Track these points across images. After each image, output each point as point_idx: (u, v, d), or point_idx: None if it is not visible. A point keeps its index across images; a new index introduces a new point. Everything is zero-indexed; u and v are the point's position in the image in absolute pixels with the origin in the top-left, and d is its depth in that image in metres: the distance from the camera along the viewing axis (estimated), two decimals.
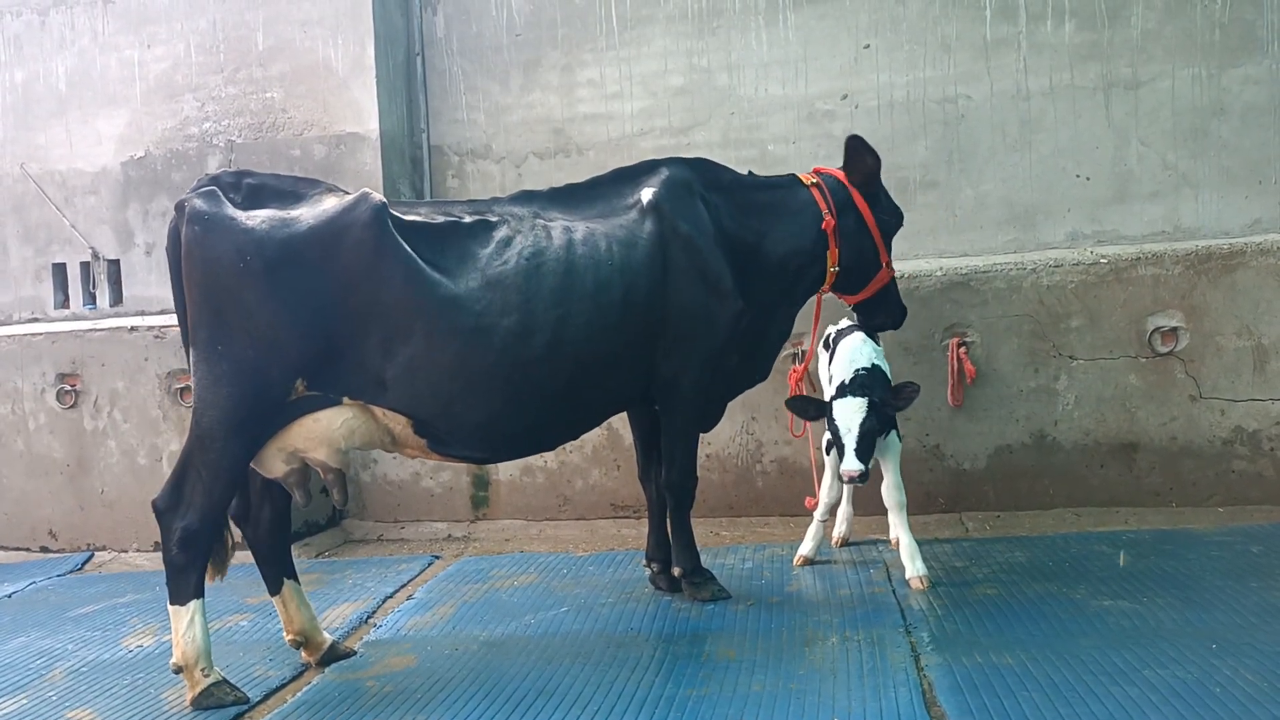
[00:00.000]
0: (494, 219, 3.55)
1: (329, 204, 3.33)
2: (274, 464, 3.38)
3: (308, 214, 3.29)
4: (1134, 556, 4.10)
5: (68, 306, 6.13)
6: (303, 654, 3.52)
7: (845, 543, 4.58)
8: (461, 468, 5.50)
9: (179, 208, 3.26)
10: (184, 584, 3.21)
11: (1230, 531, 4.40)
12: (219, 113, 5.89)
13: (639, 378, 3.73)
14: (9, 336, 5.72)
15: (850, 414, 3.76)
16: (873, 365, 3.99)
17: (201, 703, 3.17)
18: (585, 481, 5.43)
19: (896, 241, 4.26)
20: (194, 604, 3.21)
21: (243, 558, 5.11)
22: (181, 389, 5.28)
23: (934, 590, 3.86)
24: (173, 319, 5.51)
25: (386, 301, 3.26)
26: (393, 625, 3.92)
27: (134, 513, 5.32)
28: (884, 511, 4.16)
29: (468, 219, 3.51)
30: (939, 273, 5.05)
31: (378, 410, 3.37)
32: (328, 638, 3.57)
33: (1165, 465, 4.89)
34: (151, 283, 5.99)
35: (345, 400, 3.33)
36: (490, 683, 3.25)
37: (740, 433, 5.23)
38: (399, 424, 3.40)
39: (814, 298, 4.19)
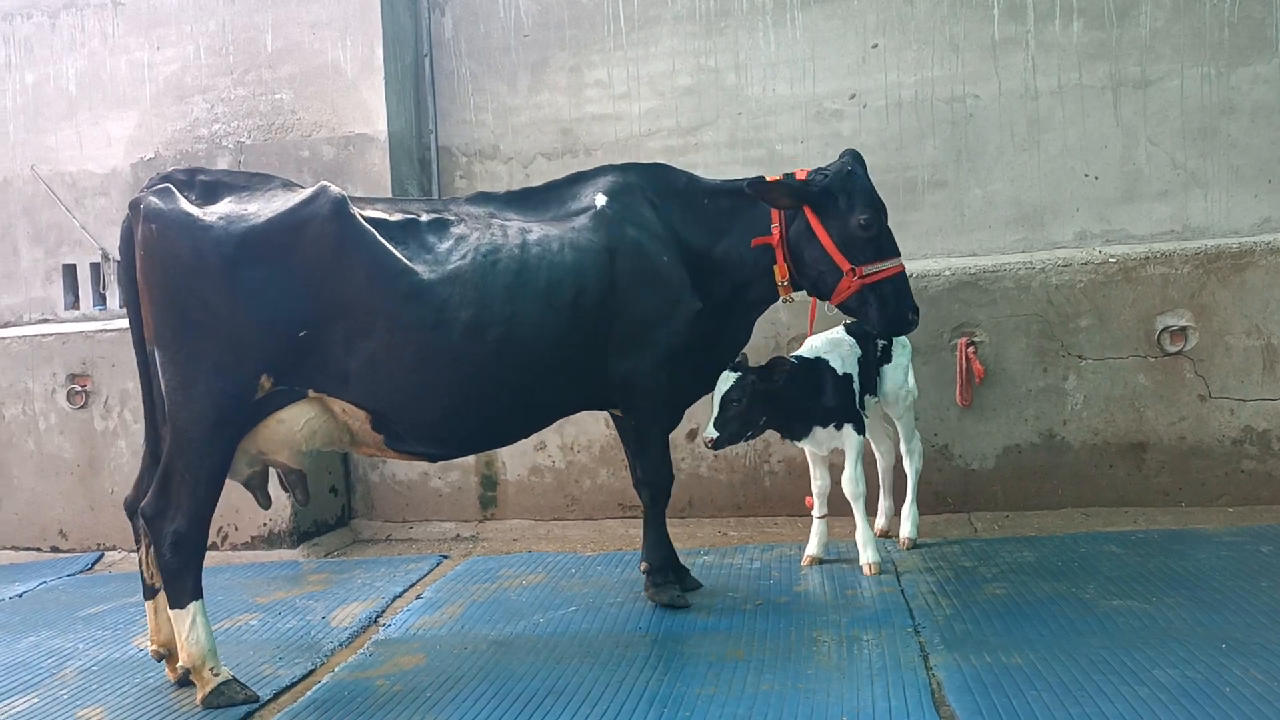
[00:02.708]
0: (451, 217, 3.59)
1: (287, 198, 3.34)
2: (237, 466, 3.39)
3: (266, 208, 3.29)
4: (1143, 556, 4.09)
5: (78, 307, 6.16)
6: (168, 670, 3.47)
7: (885, 534, 4.62)
8: (471, 467, 5.52)
9: (134, 206, 3.26)
10: (181, 587, 3.22)
11: (1240, 531, 4.38)
12: (228, 114, 5.91)
13: (590, 379, 3.74)
14: (20, 337, 5.75)
15: (719, 385, 3.94)
16: (816, 357, 4.18)
17: (212, 702, 3.18)
18: (593, 482, 5.43)
19: (904, 241, 4.18)
20: (194, 605, 3.22)
21: (252, 557, 5.15)
22: None
23: (943, 590, 3.86)
24: None
25: (348, 295, 3.28)
26: (402, 624, 3.93)
27: None
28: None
29: (425, 217, 3.54)
30: (947, 272, 5.04)
31: (337, 408, 3.39)
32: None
33: (1174, 465, 4.88)
34: None
35: (310, 394, 3.34)
36: (499, 682, 3.25)
37: None
38: (358, 420, 3.42)
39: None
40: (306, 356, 3.29)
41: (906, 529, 4.51)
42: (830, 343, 4.29)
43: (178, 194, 3.25)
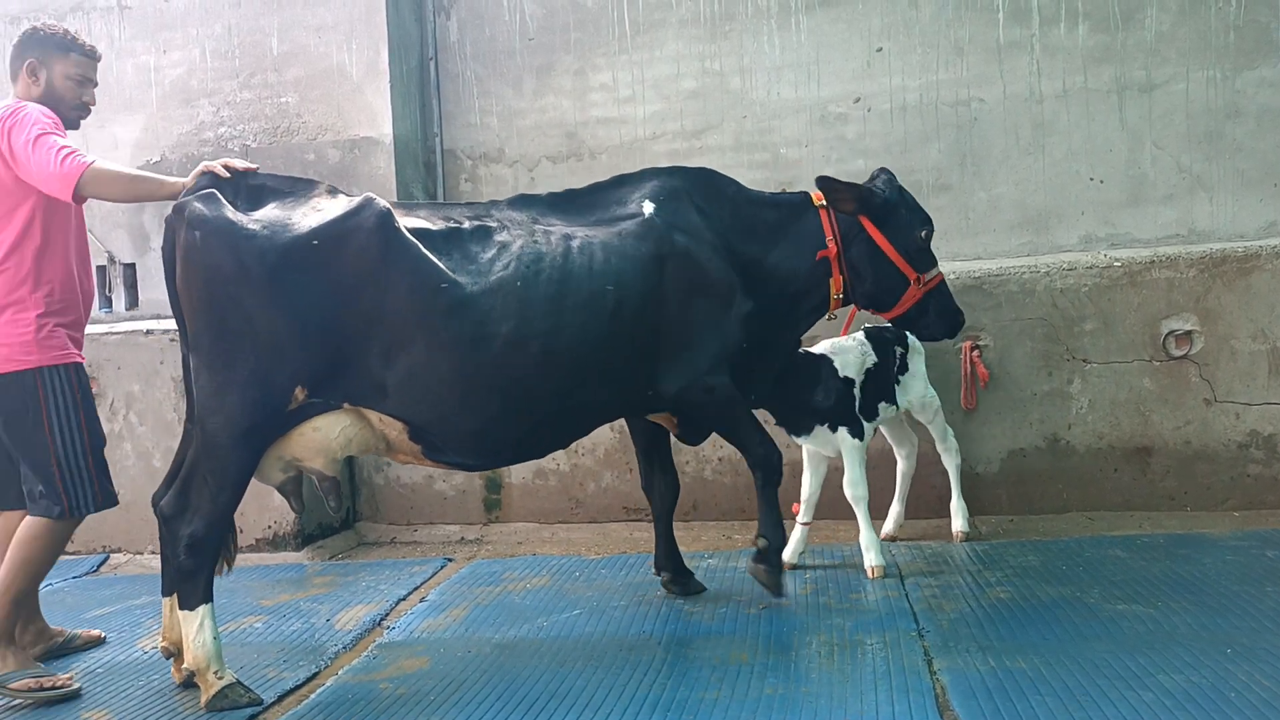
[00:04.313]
0: (493, 224, 3.54)
1: (331, 207, 3.30)
2: (271, 473, 3.39)
3: (310, 218, 3.26)
4: (1148, 560, 4.09)
5: None
6: (174, 668, 3.47)
7: (893, 539, 4.63)
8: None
9: (178, 211, 3.23)
10: (192, 589, 3.21)
11: (1245, 536, 4.37)
12: (234, 117, 5.93)
13: (635, 388, 3.68)
14: None
15: None
16: (819, 354, 4.26)
17: (216, 705, 3.18)
18: (598, 484, 5.44)
19: None
20: (203, 609, 3.21)
21: (256, 559, 5.16)
22: None
23: (947, 594, 3.86)
24: None
25: (389, 307, 3.24)
26: (406, 627, 3.93)
27: (150, 515, 5.23)
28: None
29: (467, 224, 3.50)
30: (952, 276, 5.03)
31: (374, 417, 3.37)
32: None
33: (1180, 469, 4.87)
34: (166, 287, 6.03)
35: (345, 406, 3.33)
36: (503, 685, 3.26)
37: None
38: (395, 430, 3.40)
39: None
40: (343, 369, 3.26)
41: (958, 523, 4.60)
42: (837, 345, 4.30)
43: (222, 199, 3.22)
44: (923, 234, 3.98)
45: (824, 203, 3.93)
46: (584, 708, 3.03)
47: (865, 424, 4.23)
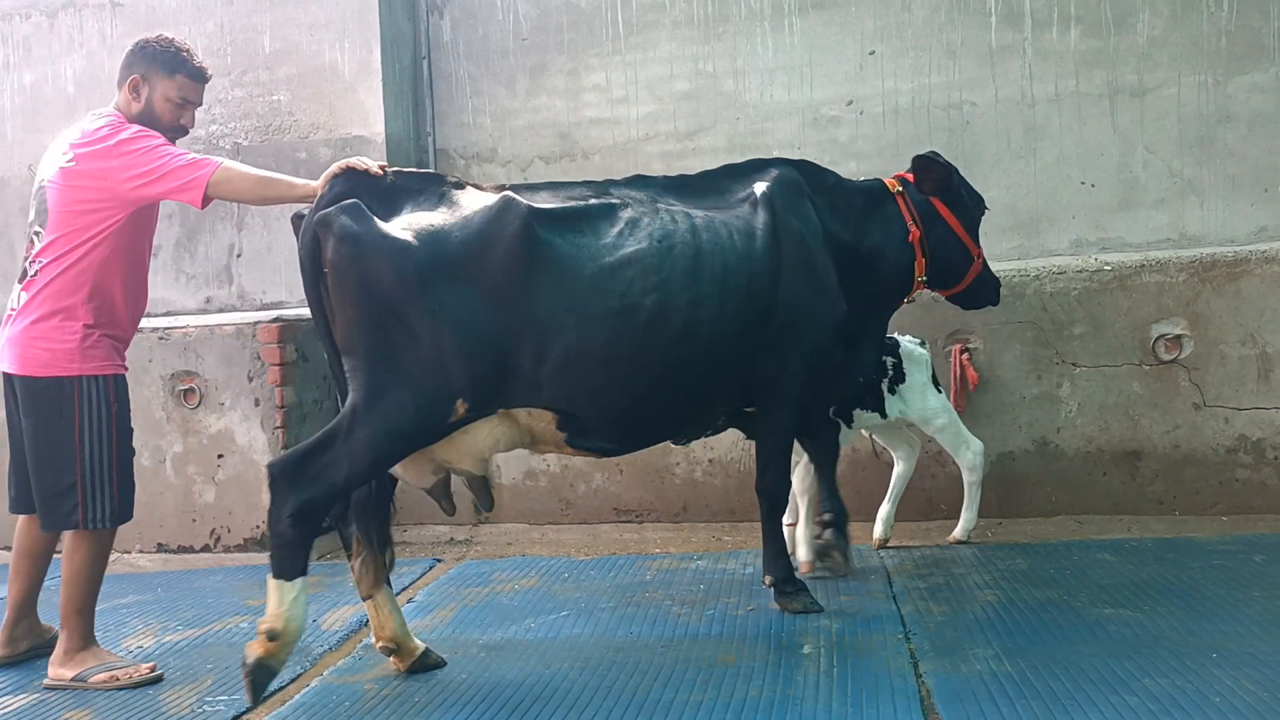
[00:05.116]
0: (616, 201, 3.50)
1: (472, 211, 3.24)
2: (423, 475, 3.35)
3: (455, 222, 3.20)
4: (1136, 564, 4.09)
5: None
6: (392, 661, 3.42)
7: (884, 544, 4.61)
8: None
9: (324, 224, 3.12)
10: (292, 560, 3.11)
11: (1233, 540, 4.38)
12: (225, 115, 5.92)
13: (746, 373, 3.66)
14: None
15: None
16: None
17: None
18: (588, 486, 5.43)
19: None
20: (300, 581, 3.12)
21: (244, 559, 5.14)
22: (185, 391, 5.30)
23: (934, 596, 3.85)
24: (176, 320, 5.55)
25: (540, 302, 3.20)
26: None
27: (138, 514, 5.22)
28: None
29: (593, 201, 3.47)
30: None
31: (522, 412, 3.33)
32: (419, 644, 3.46)
33: (1168, 473, 4.88)
34: (156, 284, 5.95)
35: (500, 412, 3.29)
36: (489, 686, 3.25)
37: (742, 438, 5.21)
38: (543, 421, 3.36)
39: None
40: (502, 378, 3.21)
41: (957, 528, 4.60)
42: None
43: (367, 210, 3.14)
44: (981, 211, 4.20)
45: (897, 189, 4.05)
46: (569, 709, 3.02)
47: (844, 429, 4.21)
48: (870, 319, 4.03)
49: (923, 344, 4.55)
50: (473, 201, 3.29)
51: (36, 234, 3.53)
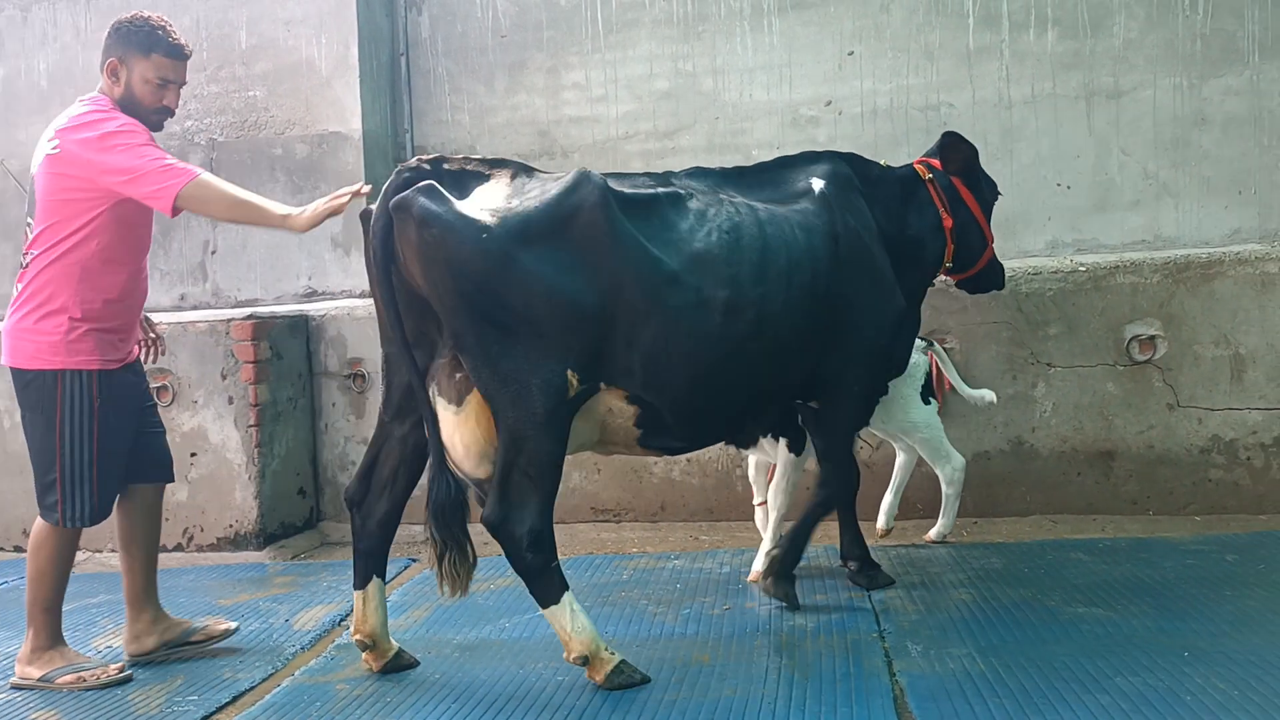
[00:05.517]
0: (682, 191, 3.44)
1: (548, 186, 3.19)
2: (481, 468, 3.24)
3: (532, 199, 3.14)
4: (1109, 564, 4.11)
5: None
6: (365, 657, 3.40)
7: (886, 534, 4.60)
8: None
9: (401, 208, 3.03)
10: (549, 583, 3.11)
11: (1206, 540, 4.41)
12: (201, 111, 5.87)
13: (809, 369, 3.62)
14: None
15: None
16: None
17: (614, 681, 3.09)
18: (565, 485, 5.35)
19: None
20: (567, 597, 3.12)
21: (217, 558, 5.10)
22: (158, 388, 5.24)
23: (909, 595, 3.86)
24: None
25: (623, 281, 3.15)
26: None
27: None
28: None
29: (660, 190, 3.40)
30: None
31: (603, 408, 3.28)
32: (394, 644, 3.44)
33: (1142, 473, 4.91)
34: None
35: (602, 387, 3.22)
36: (462, 686, 3.23)
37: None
38: (622, 416, 3.30)
39: None
40: (602, 349, 3.15)
41: (934, 530, 4.60)
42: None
43: (445, 192, 3.08)
44: (994, 198, 4.22)
45: (928, 177, 4.05)
46: (543, 708, 3.01)
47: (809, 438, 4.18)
48: (913, 310, 4.06)
49: (927, 347, 4.50)
50: (545, 180, 3.26)
51: (29, 225, 3.48)
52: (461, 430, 3.17)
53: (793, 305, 3.43)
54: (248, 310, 5.48)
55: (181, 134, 5.86)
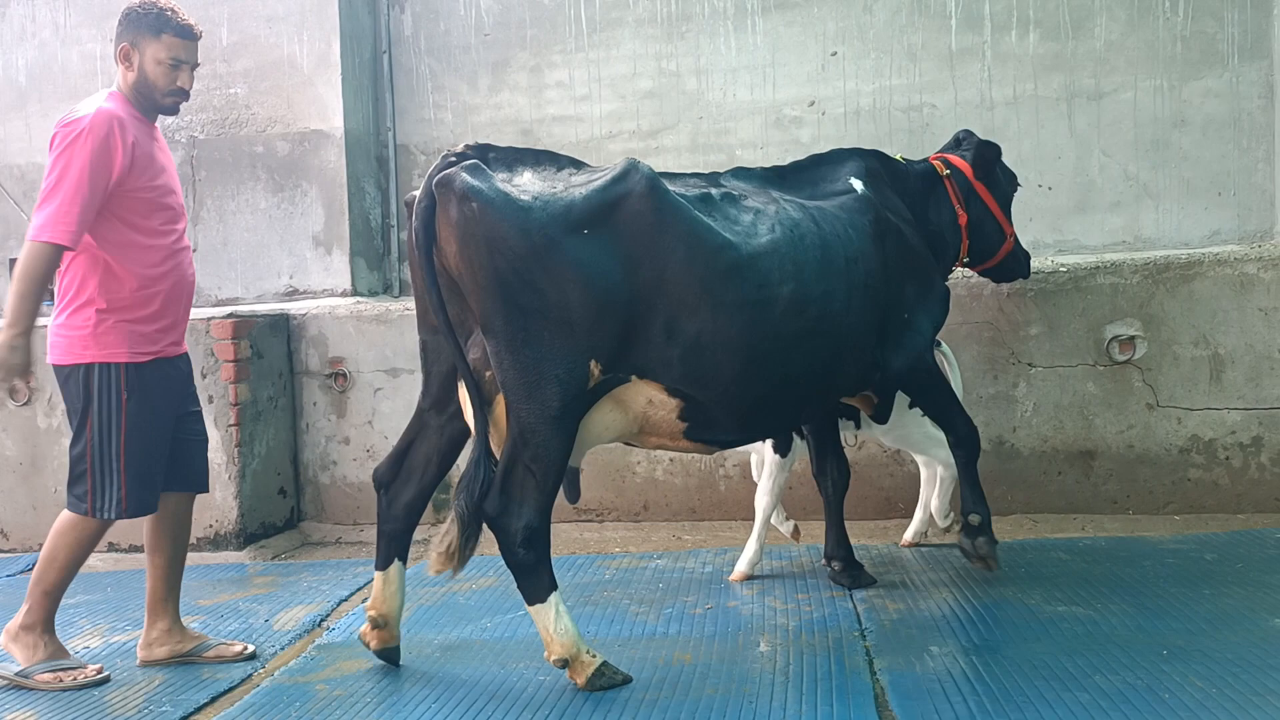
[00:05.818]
0: (734, 191, 3.44)
1: (596, 172, 3.18)
2: None
3: (579, 183, 3.12)
4: (1089, 563, 4.13)
5: None
6: (368, 632, 3.40)
7: (915, 545, 4.55)
8: None
9: (444, 184, 3.00)
10: (538, 582, 3.11)
11: (1185, 539, 4.44)
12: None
13: (867, 367, 3.64)
14: None
15: None
16: None
17: (596, 684, 3.08)
18: None
19: None
20: (553, 597, 3.11)
21: (197, 558, 5.05)
22: None
23: (891, 595, 3.87)
24: None
25: (669, 273, 3.11)
26: (346, 628, 3.87)
27: None
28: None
29: (713, 190, 3.39)
30: None
31: (641, 399, 3.24)
32: (399, 635, 3.46)
33: (1122, 473, 4.94)
34: None
35: (634, 379, 3.19)
36: (442, 686, 3.22)
37: None
38: (664, 409, 3.26)
39: None
40: (632, 340, 3.12)
41: (908, 532, 4.58)
42: None
43: (490, 171, 3.05)
44: (1014, 190, 4.34)
45: (946, 173, 4.13)
46: (523, 708, 3.00)
47: (795, 440, 4.18)
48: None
49: (935, 348, 4.41)
50: (594, 168, 3.26)
51: None
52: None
53: (854, 302, 3.47)
54: (228, 309, 5.44)
55: (162, 131, 5.81)
